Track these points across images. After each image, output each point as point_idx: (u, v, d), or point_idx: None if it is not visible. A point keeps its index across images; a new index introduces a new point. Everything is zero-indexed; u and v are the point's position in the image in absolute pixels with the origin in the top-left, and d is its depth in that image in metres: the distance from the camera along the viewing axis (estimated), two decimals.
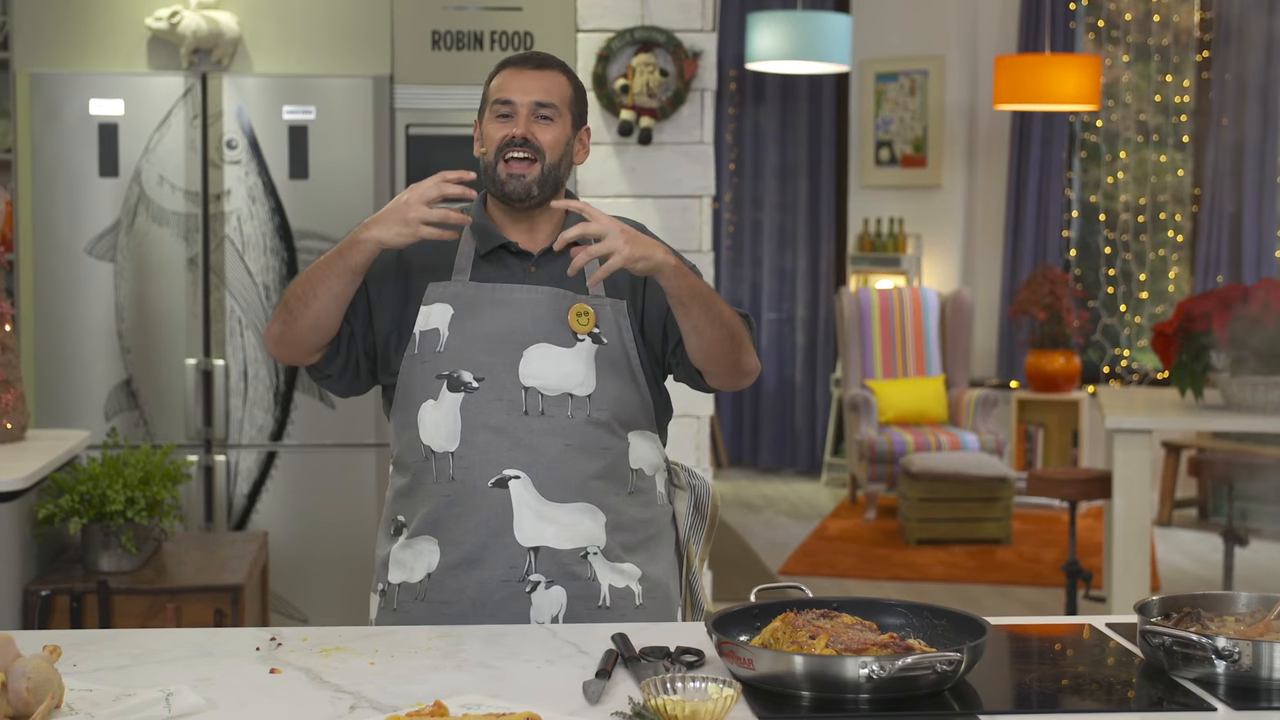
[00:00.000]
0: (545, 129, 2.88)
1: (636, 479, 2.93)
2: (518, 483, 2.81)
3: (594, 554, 2.85)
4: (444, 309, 2.88)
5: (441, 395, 2.84)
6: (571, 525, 2.83)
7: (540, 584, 2.81)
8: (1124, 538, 6.06)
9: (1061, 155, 10.20)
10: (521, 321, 2.86)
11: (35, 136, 5.62)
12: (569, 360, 2.85)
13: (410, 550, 2.89)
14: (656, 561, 2.96)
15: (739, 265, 11.43)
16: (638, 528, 2.92)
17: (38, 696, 2.12)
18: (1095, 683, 2.44)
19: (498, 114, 2.90)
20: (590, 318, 2.88)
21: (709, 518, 3.11)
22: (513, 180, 2.87)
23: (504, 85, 2.91)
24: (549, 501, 2.82)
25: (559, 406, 2.84)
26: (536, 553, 2.81)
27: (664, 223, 5.62)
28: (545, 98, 2.89)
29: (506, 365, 2.84)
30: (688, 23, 5.60)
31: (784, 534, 9.06)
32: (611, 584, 2.86)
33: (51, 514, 4.37)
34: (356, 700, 2.28)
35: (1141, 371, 10.15)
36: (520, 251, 2.92)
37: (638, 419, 2.94)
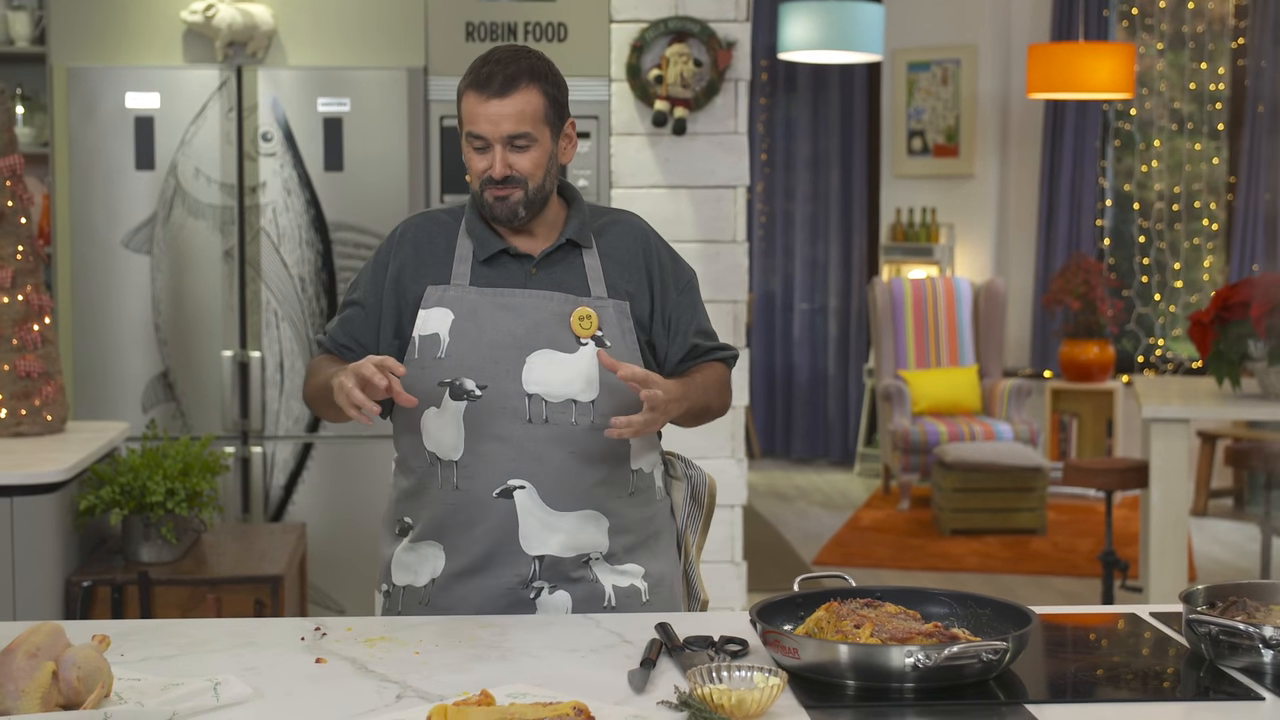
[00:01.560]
0: (522, 156, 2.82)
1: (636, 479, 2.91)
2: (523, 493, 2.79)
3: (596, 560, 2.84)
4: (444, 314, 2.84)
5: (444, 403, 2.82)
6: (575, 533, 2.81)
7: (544, 589, 2.81)
8: (1161, 528, 6.04)
9: (1095, 144, 10.16)
10: (524, 327, 2.83)
11: (72, 130, 5.64)
12: (572, 366, 2.82)
13: (415, 554, 2.89)
14: (658, 557, 2.95)
15: (771, 256, 11.42)
16: (638, 528, 2.91)
17: (88, 685, 2.13)
18: (1133, 672, 2.44)
19: (474, 146, 2.83)
20: (593, 321, 2.85)
21: (705, 507, 3.09)
22: (498, 204, 2.83)
23: (473, 116, 2.81)
24: (554, 510, 2.80)
25: (562, 413, 2.81)
26: (541, 561, 2.80)
27: (698, 213, 5.62)
28: (516, 128, 2.80)
29: (509, 372, 2.80)
30: (721, 13, 5.60)
31: (817, 525, 9.06)
32: (615, 584, 2.85)
33: (92, 505, 4.39)
34: (403, 690, 2.29)
35: (1176, 361, 10.11)
36: (520, 255, 2.88)
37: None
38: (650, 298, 2.93)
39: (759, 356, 11.35)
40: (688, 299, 3.00)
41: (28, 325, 4.62)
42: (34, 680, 2.10)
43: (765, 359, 11.41)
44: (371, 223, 5.68)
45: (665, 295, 2.96)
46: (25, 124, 6.05)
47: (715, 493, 3.11)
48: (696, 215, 5.62)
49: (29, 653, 2.12)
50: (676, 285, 2.99)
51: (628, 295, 2.90)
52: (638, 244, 2.97)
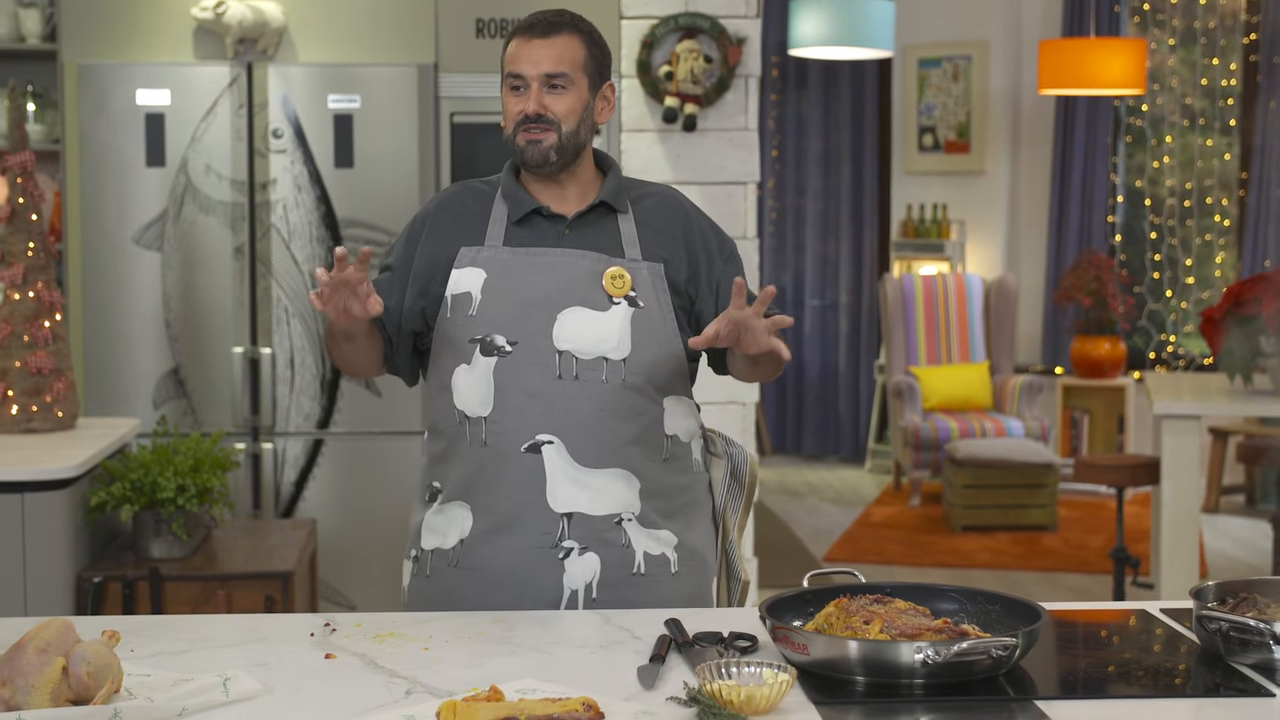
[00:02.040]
0: (558, 99, 2.85)
1: (672, 445, 2.90)
2: (551, 448, 2.78)
3: (628, 520, 2.82)
4: (476, 273, 2.85)
5: (475, 359, 2.82)
6: (605, 491, 2.80)
7: (574, 550, 2.79)
8: (1172, 524, 6.03)
9: (1106, 140, 10.14)
10: (556, 285, 2.83)
11: (83, 127, 5.65)
12: (603, 323, 2.82)
13: (443, 516, 2.87)
14: (693, 529, 2.93)
15: (782, 252, 11.42)
16: (674, 494, 2.89)
17: (98, 681, 2.14)
18: (1145, 669, 2.43)
19: (511, 86, 2.87)
20: (626, 281, 2.85)
21: (747, 486, 3.07)
22: (530, 147, 2.84)
23: (514, 56, 2.86)
24: (582, 467, 2.79)
25: (593, 370, 2.81)
26: (570, 519, 2.79)
27: (708, 209, 5.60)
28: (555, 67, 2.84)
29: (540, 329, 2.81)
30: (731, 9, 5.59)
31: (828, 521, 9.05)
32: (647, 550, 2.84)
33: (103, 501, 4.40)
34: (412, 685, 2.29)
35: (1187, 357, 10.09)
36: (553, 215, 2.90)
37: (673, 384, 2.90)
38: (689, 265, 2.93)
39: None
40: (733, 267, 3.00)
41: (39, 322, 4.63)
42: (44, 675, 2.10)
43: None
44: (382, 219, 5.69)
45: (711, 264, 2.96)
46: (36, 121, 6.06)
47: (757, 473, 3.10)
48: (706, 211, 5.60)
49: (39, 648, 2.13)
50: (722, 254, 2.99)
51: (663, 259, 2.90)
52: (676, 213, 2.97)
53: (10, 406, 4.60)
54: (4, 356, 4.62)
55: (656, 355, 2.84)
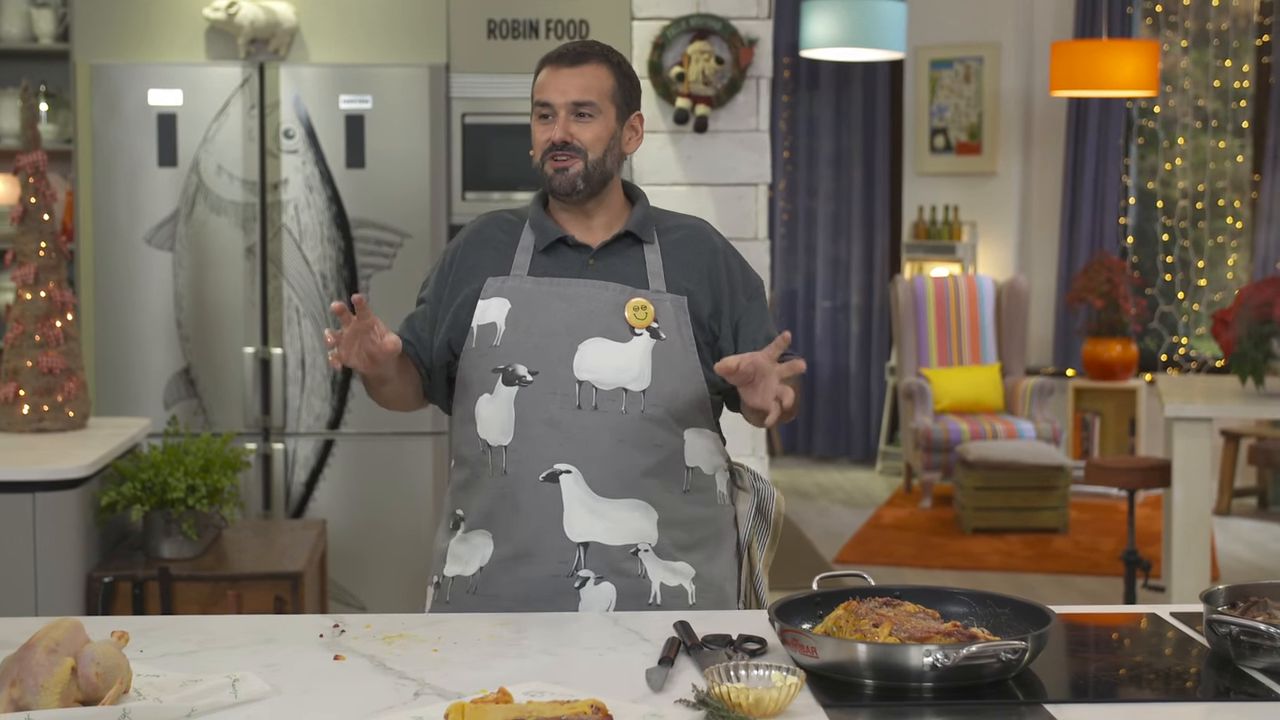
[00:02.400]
0: (585, 127, 2.87)
1: (693, 477, 2.90)
2: (568, 477, 2.79)
3: (645, 551, 2.82)
4: (501, 303, 2.87)
5: (497, 389, 2.84)
6: (622, 521, 2.80)
7: (589, 580, 2.79)
8: (1183, 527, 6.02)
9: (1118, 142, 10.12)
10: (577, 315, 2.84)
11: (95, 127, 5.66)
12: (624, 354, 2.83)
13: (466, 544, 2.89)
14: (714, 561, 2.92)
15: (793, 253, 11.41)
16: (695, 526, 2.89)
17: (107, 681, 2.14)
18: (1156, 672, 2.43)
19: (539, 115, 2.89)
20: (649, 312, 2.85)
21: (773, 523, 3.07)
22: (558, 175, 2.86)
23: (543, 85, 2.89)
24: (599, 496, 2.80)
25: (612, 401, 2.82)
26: (586, 548, 2.79)
27: (720, 211, 5.61)
28: (582, 96, 2.86)
29: (561, 359, 2.82)
30: (743, 10, 5.59)
31: (839, 523, 9.05)
32: (664, 581, 2.83)
33: (114, 501, 4.41)
34: (421, 687, 2.29)
35: (1199, 359, 10.08)
36: (578, 245, 2.91)
37: (694, 416, 2.90)
38: (714, 300, 2.93)
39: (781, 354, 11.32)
40: (757, 305, 3.01)
41: (50, 321, 4.64)
42: (53, 676, 2.10)
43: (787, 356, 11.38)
44: (393, 219, 5.69)
45: (734, 300, 2.96)
46: (49, 121, 6.07)
47: (783, 511, 3.10)
48: (718, 213, 5.61)
49: (48, 648, 2.13)
50: (746, 291, 3.00)
51: (687, 292, 2.91)
52: (704, 246, 2.98)
53: (21, 406, 4.61)
54: (15, 356, 4.63)
55: (677, 387, 2.85)
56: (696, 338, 2.90)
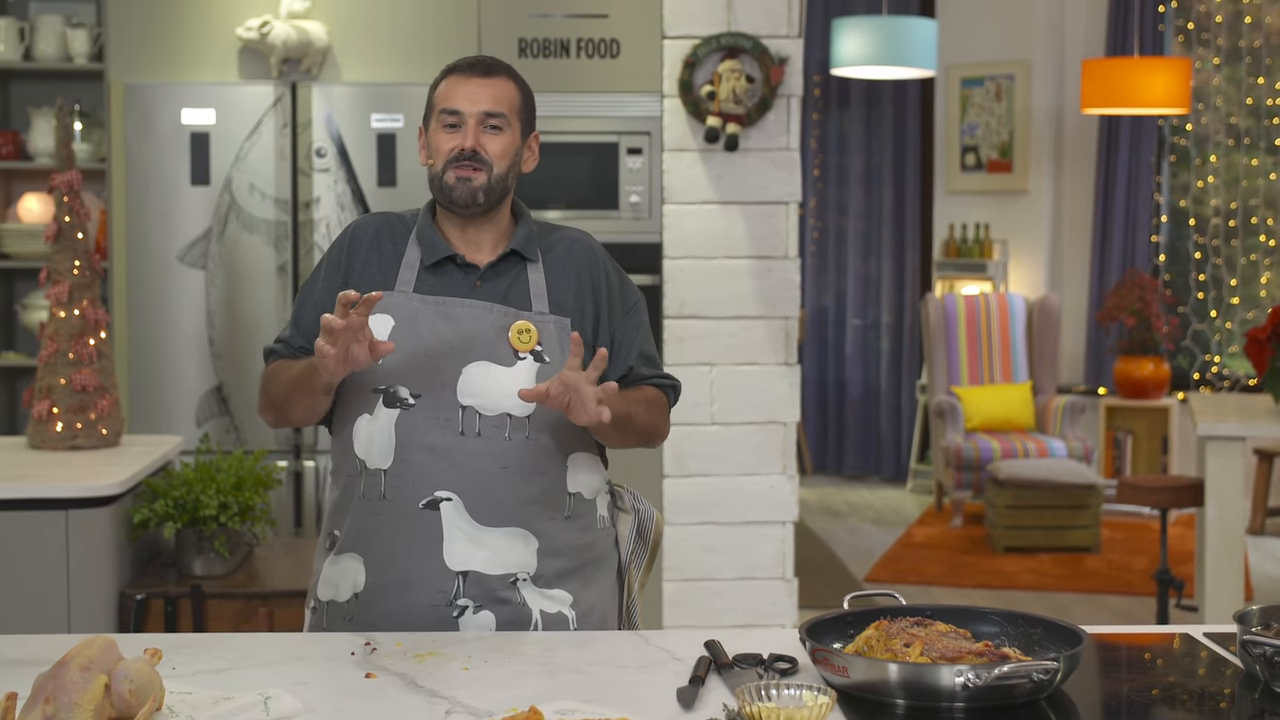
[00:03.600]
0: (493, 139, 2.83)
1: (575, 503, 2.86)
2: (449, 505, 2.74)
3: (523, 580, 2.78)
4: (384, 320, 2.79)
5: (377, 410, 2.78)
6: (502, 550, 2.76)
7: (468, 609, 2.75)
8: (1217, 546, 5.99)
9: (1150, 159, 10.10)
10: (462, 337, 2.79)
11: (129, 146, 5.69)
12: (508, 379, 2.77)
13: (337, 568, 2.83)
14: (592, 587, 2.89)
15: (824, 271, 11.40)
16: (573, 553, 2.85)
17: (140, 699, 2.15)
18: (1189, 693, 2.41)
19: (445, 124, 2.83)
20: (532, 336, 2.80)
21: (651, 544, 3.03)
22: (460, 185, 2.80)
23: (450, 94, 2.84)
24: (480, 525, 2.75)
25: (496, 427, 2.77)
26: (465, 577, 2.75)
27: (750, 229, 5.62)
28: (494, 107, 2.82)
29: (444, 382, 2.77)
30: (773, 29, 5.60)
31: (869, 541, 9.03)
32: (543, 609, 2.80)
33: (146, 519, 4.42)
34: (452, 705, 2.29)
35: (1232, 378, 10.03)
36: (466, 264, 2.85)
37: (578, 441, 2.86)
38: (594, 316, 2.90)
39: (811, 372, 11.33)
40: (633, 320, 2.96)
41: (84, 339, 4.66)
42: (87, 693, 2.11)
43: (817, 375, 11.39)
44: None
45: (612, 314, 2.92)
46: (83, 140, 6.11)
47: (662, 531, 3.05)
48: (748, 231, 5.61)
49: (82, 665, 2.14)
50: (623, 305, 2.95)
51: (570, 312, 2.87)
52: (585, 260, 2.93)
53: (55, 424, 4.63)
54: (49, 374, 4.65)
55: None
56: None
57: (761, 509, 5.66)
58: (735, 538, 5.66)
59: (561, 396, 2.64)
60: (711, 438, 5.64)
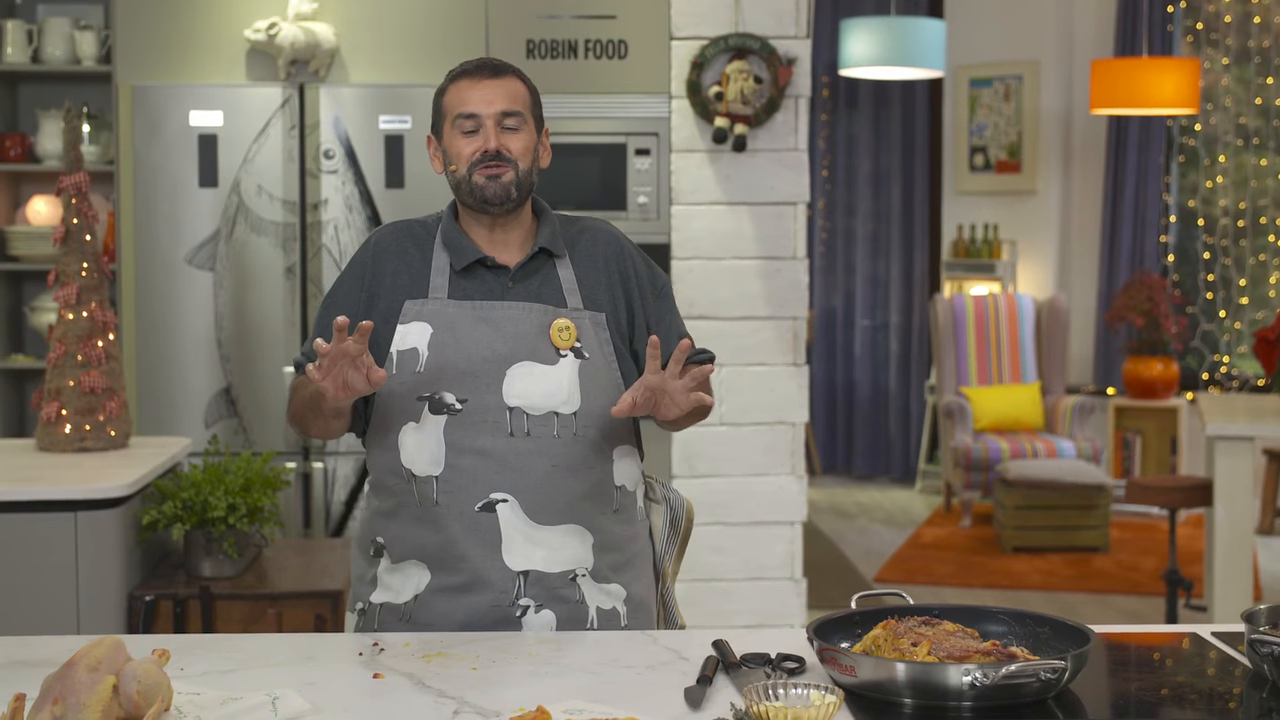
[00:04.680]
0: (513, 137, 2.84)
1: (620, 496, 2.88)
2: (505, 506, 2.76)
3: (583, 576, 2.80)
4: (422, 328, 2.80)
5: (423, 417, 2.78)
6: (560, 548, 2.78)
7: (530, 608, 2.77)
8: (1225, 546, 5.98)
9: (1159, 160, 10.08)
10: (503, 339, 2.80)
11: (137, 148, 5.70)
12: (553, 378, 2.79)
13: (398, 574, 2.83)
14: (639, 580, 2.91)
15: (832, 272, 11.40)
16: (623, 546, 2.87)
17: (148, 699, 2.15)
18: (1198, 693, 2.41)
19: (463, 129, 2.83)
20: (572, 332, 2.82)
21: (683, 533, 3.04)
22: (491, 183, 2.81)
23: (464, 98, 2.84)
24: (537, 524, 2.77)
25: (544, 426, 2.78)
26: (525, 577, 2.76)
27: (758, 230, 5.61)
28: (509, 106, 2.83)
29: (489, 385, 2.77)
30: (781, 29, 5.59)
31: (878, 541, 9.02)
32: (599, 605, 2.81)
33: (155, 520, 4.43)
34: (460, 705, 2.30)
35: (1241, 378, 10.02)
36: (496, 266, 2.86)
37: (622, 435, 2.88)
38: (626, 307, 2.91)
39: (820, 373, 11.33)
40: (666, 303, 2.98)
41: (92, 341, 4.67)
42: (95, 694, 2.11)
43: (826, 375, 11.39)
44: None
45: (644, 301, 2.94)
46: (91, 142, 6.12)
47: (693, 518, 3.06)
48: (757, 232, 5.61)
49: (90, 666, 2.14)
50: (654, 290, 2.98)
51: (603, 306, 2.88)
52: (611, 251, 2.94)
53: (64, 425, 4.64)
54: (58, 376, 4.66)
55: (605, 406, 2.81)
56: (618, 352, 2.87)
57: (770, 509, 5.66)
58: (744, 538, 5.66)
59: (649, 399, 2.68)
60: (720, 438, 5.64)
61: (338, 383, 2.63)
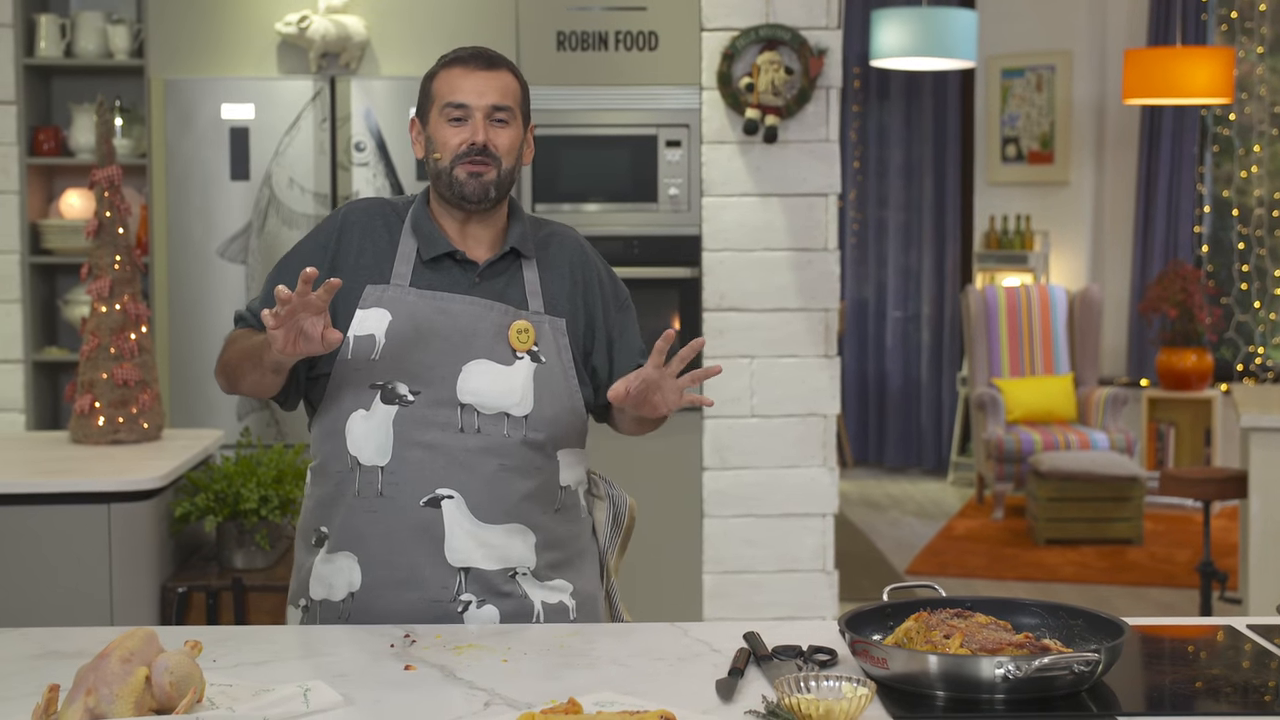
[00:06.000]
0: (501, 132, 2.80)
1: (564, 495, 2.86)
2: (450, 503, 2.73)
3: (523, 574, 2.78)
4: (381, 314, 2.77)
5: (374, 406, 2.75)
6: (502, 546, 2.75)
7: (472, 604, 2.74)
8: (1260, 538, 5.95)
9: (1193, 150, 10.03)
10: (462, 335, 2.77)
11: (169, 141, 5.71)
12: (508, 378, 2.77)
13: (330, 566, 2.80)
14: (583, 575, 2.89)
15: (864, 264, 11.37)
16: (565, 544, 2.85)
17: (180, 691, 2.15)
18: (1233, 685, 2.40)
19: (450, 117, 2.80)
20: (530, 335, 2.80)
21: (624, 529, 3.03)
22: (472, 180, 2.78)
23: (455, 86, 2.80)
24: (481, 523, 2.74)
25: (495, 425, 2.76)
26: (467, 573, 2.74)
27: (789, 221, 5.60)
28: (501, 100, 2.80)
29: (444, 379, 2.75)
30: (812, 20, 5.58)
31: (910, 534, 9.00)
32: (544, 600, 2.79)
33: (187, 512, 4.44)
34: (491, 697, 2.30)
35: (1276, 369, 9.96)
36: (465, 260, 2.82)
37: (570, 438, 2.86)
38: (586, 315, 2.89)
39: (851, 364, 11.31)
40: (627, 316, 2.97)
41: (125, 334, 4.68)
42: (127, 684, 2.12)
43: (858, 367, 11.36)
44: None
45: (606, 312, 2.93)
46: (124, 135, 6.13)
47: (635, 515, 3.05)
48: (788, 223, 5.60)
49: (123, 657, 2.15)
50: (616, 302, 2.96)
51: (563, 312, 2.86)
52: (577, 259, 2.92)
53: (97, 418, 4.66)
54: (91, 369, 4.68)
55: (557, 411, 2.80)
56: (575, 360, 2.85)
57: (802, 501, 5.65)
58: (775, 530, 5.65)
59: (642, 392, 2.67)
60: (752, 430, 5.63)
61: (292, 335, 2.59)
